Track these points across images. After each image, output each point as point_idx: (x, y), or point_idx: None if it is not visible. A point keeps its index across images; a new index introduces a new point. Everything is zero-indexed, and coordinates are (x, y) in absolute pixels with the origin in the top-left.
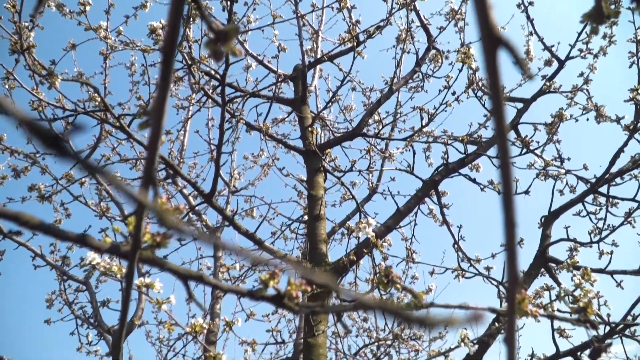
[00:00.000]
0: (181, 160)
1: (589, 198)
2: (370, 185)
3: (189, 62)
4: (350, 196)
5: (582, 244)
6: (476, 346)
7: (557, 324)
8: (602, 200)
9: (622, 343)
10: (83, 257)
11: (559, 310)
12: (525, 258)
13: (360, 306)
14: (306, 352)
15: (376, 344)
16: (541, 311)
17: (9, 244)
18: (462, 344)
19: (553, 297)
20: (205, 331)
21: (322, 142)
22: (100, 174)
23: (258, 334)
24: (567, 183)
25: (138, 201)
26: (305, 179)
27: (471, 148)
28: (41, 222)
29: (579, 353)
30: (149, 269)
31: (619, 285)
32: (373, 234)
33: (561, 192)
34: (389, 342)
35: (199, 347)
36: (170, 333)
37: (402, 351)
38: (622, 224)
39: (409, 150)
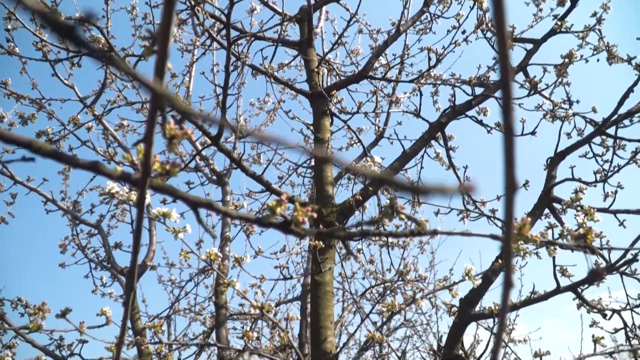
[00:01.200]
0: (187, 105)
1: (596, 140)
2: (377, 129)
3: (193, 3)
4: (357, 140)
5: (587, 184)
6: (480, 280)
7: (559, 262)
8: (610, 142)
9: (622, 282)
10: (93, 204)
11: (560, 247)
12: (530, 199)
13: (366, 233)
14: (313, 290)
15: (382, 285)
16: (542, 238)
17: (20, 189)
18: (467, 277)
19: (556, 236)
20: (219, 260)
21: (328, 85)
22: (113, 63)
23: (267, 275)
24: (575, 126)
25: (152, 89)
26: (311, 122)
27: (479, 91)
28: (54, 150)
29: (579, 288)
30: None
31: (621, 224)
32: (378, 172)
33: (569, 135)
34: (394, 284)
35: (209, 291)
36: (183, 264)
37: (408, 292)
38: (627, 163)
39: (416, 94)
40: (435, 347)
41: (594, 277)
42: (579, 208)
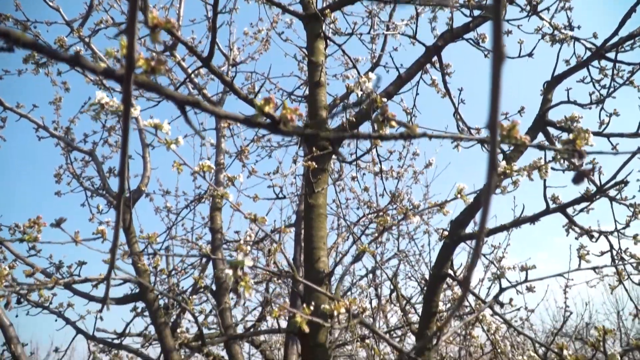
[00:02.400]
0: (178, 29)
1: (595, 64)
2: (373, 56)
3: None
4: (352, 66)
5: (583, 106)
6: (471, 200)
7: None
8: (609, 68)
9: (611, 208)
10: (86, 134)
11: (552, 169)
12: (524, 125)
13: (355, 135)
14: (307, 212)
15: (375, 214)
16: (531, 142)
17: (10, 115)
18: (459, 196)
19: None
20: (213, 171)
21: (323, 6)
22: None
23: (261, 208)
24: (574, 52)
25: None
26: (305, 46)
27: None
28: (34, 41)
29: (568, 209)
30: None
31: (614, 148)
32: (372, 88)
33: (567, 62)
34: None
35: (206, 219)
36: (179, 193)
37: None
38: (624, 83)
39: (414, 22)
40: (427, 277)
41: (581, 177)
42: (573, 126)
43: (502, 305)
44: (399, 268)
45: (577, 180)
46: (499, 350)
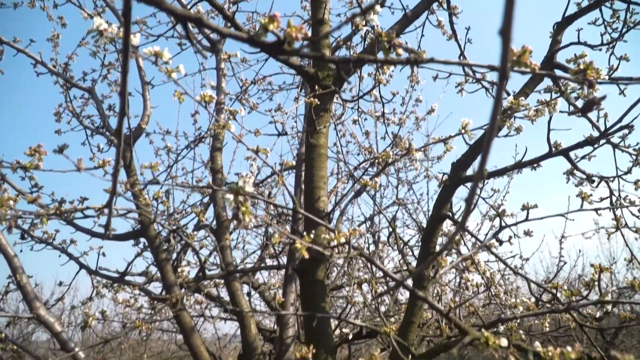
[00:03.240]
0: None
1: (607, 6)
2: None
3: None
4: (356, 5)
5: (593, 47)
6: (476, 135)
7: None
8: (622, 11)
9: (613, 154)
10: (85, 71)
11: (560, 112)
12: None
13: (361, 59)
14: (307, 152)
15: (375, 159)
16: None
17: (7, 50)
18: (463, 131)
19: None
20: (214, 102)
21: None
22: None
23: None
24: None
25: None
26: None
27: None
28: None
29: (570, 153)
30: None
31: (622, 92)
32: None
33: (579, 4)
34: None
35: (207, 160)
36: (179, 133)
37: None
38: (637, 24)
39: None
40: (424, 225)
41: (592, 105)
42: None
43: (501, 243)
44: (397, 216)
45: (587, 108)
46: (493, 293)
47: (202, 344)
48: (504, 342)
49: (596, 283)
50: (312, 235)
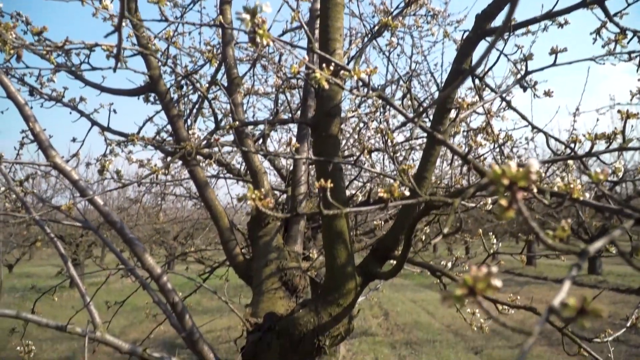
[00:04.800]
0: None
1: None
2: None
3: None
4: None
5: None
6: None
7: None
8: None
9: None
10: None
11: None
12: None
13: None
14: (323, 2)
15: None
16: None
17: None
18: None
19: None
20: None
21: None
22: None
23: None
24: None
25: None
26: None
27: None
28: None
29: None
30: None
31: None
32: None
33: None
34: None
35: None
36: None
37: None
38: None
39: None
40: (435, 96)
41: None
42: None
43: (525, 88)
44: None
45: None
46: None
47: (215, 198)
48: (522, 182)
49: (617, 135)
50: (331, 68)
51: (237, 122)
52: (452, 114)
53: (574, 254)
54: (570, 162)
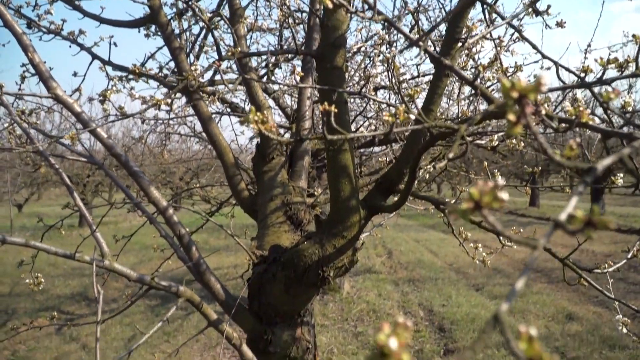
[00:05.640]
0: None
1: None
2: None
3: None
4: None
5: None
6: None
7: None
8: None
9: None
10: None
11: None
12: None
13: None
14: None
15: None
16: None
17: None
18: None
19: None
20: None
21: None
22: None
23: None
24: None
25: None
26: None
27: None
28: None
29: None
30: None
31: None
32: None
33: None
34: None
35: None
36: None
37: None
38: None
39: None
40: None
41: None
42: None
43: (538, 13)
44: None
45: None
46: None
47: (220, 133)
48: (532, 94)
49: (629, 63)
50: None
51: (239, 50)
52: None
53: (582, 173)
54: (579, 95)
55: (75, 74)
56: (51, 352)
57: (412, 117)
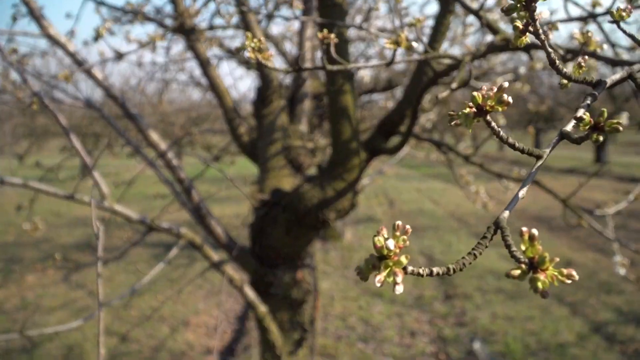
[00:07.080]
0: None
1: None
2: None
3: None
4: None
5: None
6: None
7: None
8: None
9: None
10: None
11: None
12: None
13: None
14: None
15: None
16: None
17: None
18: None
19: None
20: None
21: None
22: None
23: None
24: None
25: None
26: None
27: None
28: None
29: None
30: None
31: None
32: None
33: None
34: None
35: None
36: None
37: None
38: None
39: None
40: None
41: None
42: None
43: None
44: None
45: None
46: None
47: (218, 76)
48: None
49: None
50: None
51: None
52: None
53: (589, 85)
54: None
55: (68, 16)
56: (58, 298)
57: (415, 46)
